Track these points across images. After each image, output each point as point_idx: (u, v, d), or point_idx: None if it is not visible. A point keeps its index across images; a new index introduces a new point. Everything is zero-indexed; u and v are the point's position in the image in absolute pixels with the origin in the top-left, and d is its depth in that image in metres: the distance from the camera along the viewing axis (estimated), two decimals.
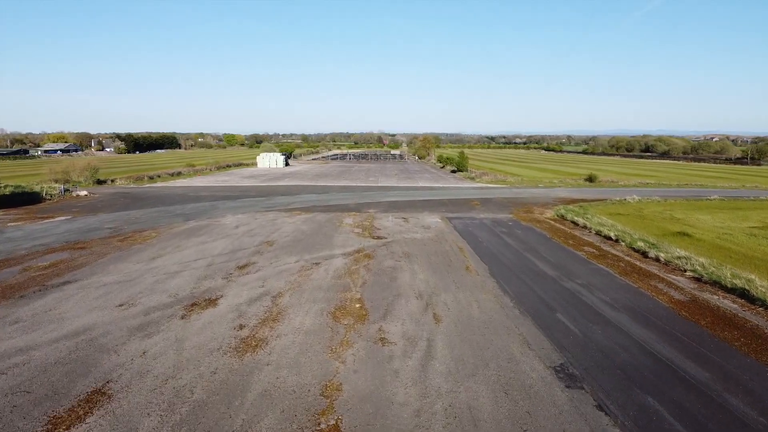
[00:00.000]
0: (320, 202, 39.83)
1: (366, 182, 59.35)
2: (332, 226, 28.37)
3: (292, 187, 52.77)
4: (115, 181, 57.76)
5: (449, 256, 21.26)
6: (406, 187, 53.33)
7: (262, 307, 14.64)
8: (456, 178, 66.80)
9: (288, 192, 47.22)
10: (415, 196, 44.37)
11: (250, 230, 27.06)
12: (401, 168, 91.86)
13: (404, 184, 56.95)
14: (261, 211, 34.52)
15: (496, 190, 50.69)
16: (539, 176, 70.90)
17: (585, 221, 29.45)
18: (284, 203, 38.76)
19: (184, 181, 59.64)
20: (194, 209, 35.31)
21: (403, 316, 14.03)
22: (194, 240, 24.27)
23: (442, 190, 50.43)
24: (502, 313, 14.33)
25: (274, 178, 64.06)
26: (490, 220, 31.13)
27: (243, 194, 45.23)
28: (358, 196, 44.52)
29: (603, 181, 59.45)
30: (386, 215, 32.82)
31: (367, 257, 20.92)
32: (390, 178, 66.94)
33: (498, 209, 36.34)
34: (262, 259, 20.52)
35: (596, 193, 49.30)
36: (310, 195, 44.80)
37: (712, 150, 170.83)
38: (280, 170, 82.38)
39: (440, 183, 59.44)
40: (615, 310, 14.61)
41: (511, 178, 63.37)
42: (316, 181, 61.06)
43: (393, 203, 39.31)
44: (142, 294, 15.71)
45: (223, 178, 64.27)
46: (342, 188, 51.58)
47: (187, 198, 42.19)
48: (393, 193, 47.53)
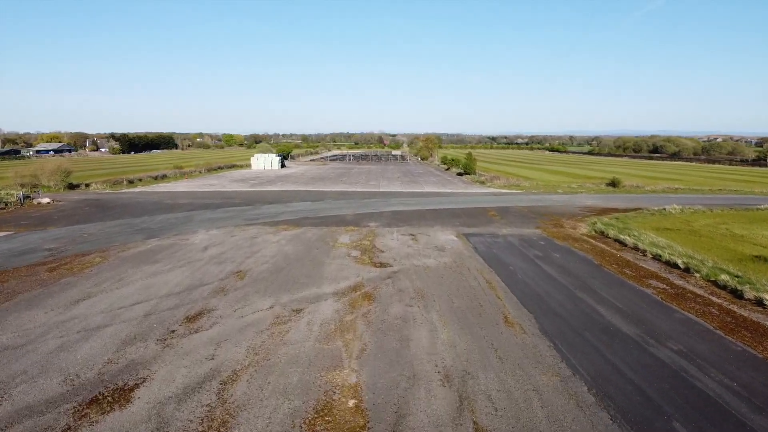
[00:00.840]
0: (313, 212, 34.44)
1: (366, 187, 53.97)
2: (324, 247, 22.99)
3: (284, 193, 47.37)
4: (90, 185, 52.38)
5: (477, 297, 15.86)
6: (411, 193, 47.92)
7: (199, 408, 9.23)
8: (464, 182, 61.39)
9: (278, 199, 41.83)
10: (422, 205, 38.98)
11: (221, 253, 21.67)
12: (403, 170, 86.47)
13: (408, 189, 51.56)
14: (242, 225, 29.13)
15: (512, 197, 45.30)
16: (554, 180, 65.48)
17: (634, 240, 24.03)
18: (271, 214, 33.36)
19: (167, 186, 54.28)
20: (164, 222, 29.93)
21: (427, 428, 8.63)
22: (145, 269, 18.88)
23: (451, 197, 45.03)
24: (585, 422, 8.91)
25: (266, 182, 58.69)
26: (517, 238, 25.73)
27: (226, 202, 39.84)
28: (356, 204, 39.13)
29: (627, 186, 54.02)
30: (390, 231, 27.44)
31: (367, 299, 15.52)
32: (392, 181, 61.56)
33: (521, 222, 30.94)
34: (223, 302, 15.12)
35: (625, 200, 43.88)
36: (302, 203, 39.41)
37: (724, 151, 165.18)
38: (274, 173, 77.01)
39: (448, 188, 54.03)
40: (759, 413, 9.20)
41: (524, 182, 57.94)
42: (312, 185, 55.68)
43: (397, 214, 33.92)
44: (22, 377, 10.30)
45: (210, 182, 58.92)
46: (339, 194, 46.20)
47: (161, 207, 36.81)
48: (397, 200, 42.13)
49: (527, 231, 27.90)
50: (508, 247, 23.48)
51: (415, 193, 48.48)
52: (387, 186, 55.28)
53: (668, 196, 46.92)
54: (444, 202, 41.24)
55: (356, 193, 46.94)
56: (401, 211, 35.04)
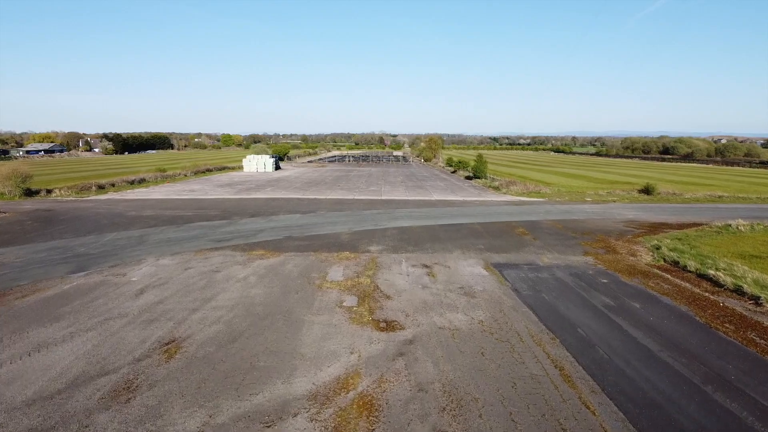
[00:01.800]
0: (301, 229, 28.06)
1: (366, 193, 47.58)
2: (307, 289, 16.60)
3: (272, 201, 40.97)
4: (52, 191, 46.03)
5: (552, 408, 9.44)
6: (418, 202, 41.52)
7: None
8: (476, 188, 54.95)
9: (262, 210, 35.42)
10: (434, 218, 32.57)
11: (158, 302, 15.29)
12: (407, 173, 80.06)
13: (415, 197, 45.16)
14: (206, 249, 22.74)
15: (536, 207, 38.89)
16: (575, 185, 59.03)
17: (732, 279, 17.60)
18: (248, 232, 26.98)
19: (142, 192, 47.93)
20: (109, 245, 23.56)
21: None
22: (31, 337, 12.50)
23: (465, 207, 38.61)
24: None
25: (255, 188, 52.30)
26: (567, 272, 19.32)
27: (200, 214, 33.44)
28: (354, 218, 32.74)
29: (663, 194, 47.52)
30: (397, 259, 21.04)
31: (364, 413, 9.12)
32: (395, 187, 55.15)
33: (561, 244, 24.54)
34: (115, 424, 8.71)
35: (670, 212, 37.41)
36: (290, 216, 33.02)
37: (739, 152, 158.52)
38: (267, 176, 70.64)
39: (459, 195, 47.61)
40: None
41: (544, 188, 51.47)
42: (305, 191, 49.28)
43: (404, 232, 27.54)
44: None
45: (192, 187, 52.56)
46: (335, 204, 39.80)
47: (119, 221, 30.45)
48: (402, 211, 35.73)
49: (575, 259, 21.48)
50: (560, 289, 17.08)
51: (422, 202, 42.06)
52: (390, 192, 48.89)
53: (717, 206, 40.48)
54: (458, 213, 34.81)
55: (355, 203, 40.54)
56: (409, 228, 28.64)
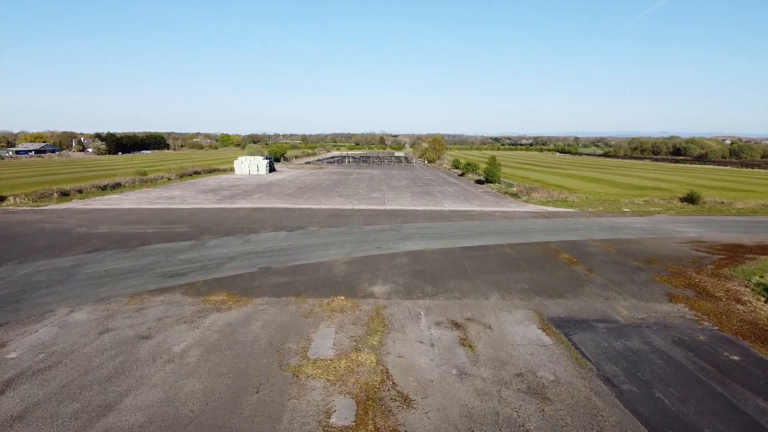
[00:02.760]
0: (283, 256, 21.81)
1: (367, 201, 41.32)
2: (273, 387, 10.31)
3: (255, 213, 34.71)
4: (5, 199, 39.84)
5: None
6: (429, 213, 35.23)
7: None
8: (491, 195, 48.66)
9: (240, 226, 29.18)
10: (452, 237, 26.31)
11: (15, 419, 9.02)
12: (411, 176, 73.80)
13: (424, 206, 38.90)
14: (147, 292, 16.47)
15: (570, 220, 32.64)
16: (601, 191, 52.77)
17: None
18: (213, 261, 20.72)
19: (111, 200, 41.73)
20: (19, 282, 17.31)
21: None
22: None
23: (487, 221, 32.33)
24: None
25: (241, 194, 46.08)
26: (666, 336, 13.03)
27: (163, 232, 27.20)
28: (353, 237, 26.49)
29: (710, 202, 41.17)
30: (413, 311, 14.76)
31: None
32: (400, 193, 48.88)
33: (628, 279, 18.27)
34: None
35: (734, 227, 31.08)
36: (273, 235, 26.78)
37: (756, 154, 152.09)
38: (258, 179, 64.40)
39: (475, 204, 41.32)
40: None
41: (570, 195, 45.15)
42: (297, 199, 43.03)
43: (418, 259, 21.27)
44: None
45: (171, 194, 46.36)
46: (330, 216, 33.54)
47: (60, 241, 24.22)
48: (412, 227, 29.47)
49: (664, 309, 15.19)
50: (677, 378, 10.79)
51: (434, 213, 35.76)
52: (395, 200, 42.63)
53: None
54: (480, 230, 28.53)
55: (354, 215, 34.27)
56: (423, 254, 22.36)
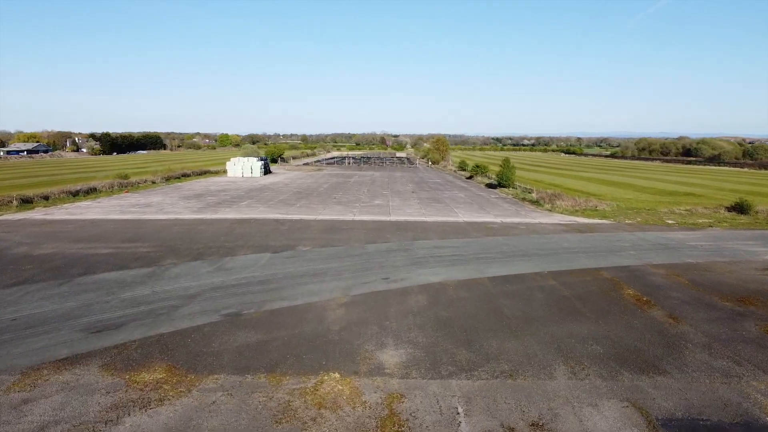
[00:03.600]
0: (261, 292, 16.65)
1: (370, 210, 36.20)
2: None
3: (238, 226, 29.58)
4: None
5: None
6: (442, 226, 30.06)
7: None
8: (509, 202, 43.52)
9: (215, 246, 24.03)
10: (476, 260, 21.16)
11: None
12: (416, 179, 68.70)
13: (435, 216, 33.77)
14: (50, 365, 11.30)
15: (611, 236, 27.50)
16: (628, 197, 47.63)
17: None
18: (167, 302, 15.55)
19: (78, 208, 36.64)
20: None
21: None
22: None
23: (512, 237, 27.17)
24: None
25: (228, 201, 40.97)
26: None
27: (119, 253, 22.07)
28: (353, 262, 21.34)
29: (761, 211, 35.96)
30: (446, 407, 9.53)
31: None
32: (406, 199, 43.75)
33: (737, 336, 13.16)
34: None
35: None
36: (253, 258, 21.63)
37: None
38: (251, 182, 59.26)
39: (493, 213, 36.15)
40: None
41: (601, 204, 39.92)
42: (289, 207, 37.91)
43: (439, 299, 16.12)
44: None
45: (149, 200, 41.27)
46: (326, 230, 28.41)
47: None
48: (425, 246, 24.31)
49: None
50: None
51: (448, 226, 30.60)
52: (401, 208, 37.50)
53: None
54: (509, 250, 23.34)
55: (354, 228, 29.13)
56: (445, 289, 17.19)
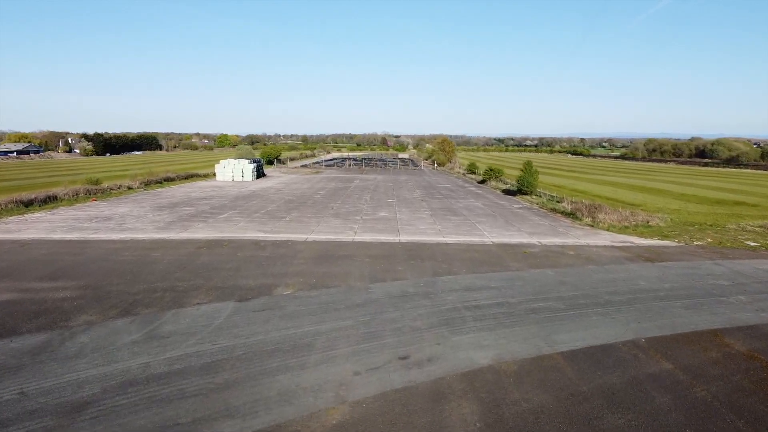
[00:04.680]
0: (193, 400, 10.01)
1: (373, 226, 29.63)
2: None
3: (205, 252, 23.00)
4: None
5: None
6: (468, 251, 23.44)
7: None
8: (538, 213, 36.92)
9: (159, 290, 17.43)
10: (536, 322, 14.54)
11: None
12: (423, 183, 62.12)
13: (455, 236, 27.18)
14: None
15: (698, 271, 20.89)
16: (670, 206, 41.11)
17: None
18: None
19: (23, 221, 30.10)
20: None
21: None
22: None
23: (568, 271, 20.54)
24: None
25: (205, 213, 34.43)
26: None
27: (14, 304, 15.52)
28: (352, 327, 14.70)
29: None
30: None
31: None
32: (417, 210, 37.17)
33: None
34: None
35: None
36: (206, 313, 15.02)
37: None
38: (240, 188, 52.68)
39: (526, 230, 29.54)
40: None
41: (652, 218, 33.30)
42: (277, 222, 31.35)
43: (501, 417, 9.56)
44: None
45: (114, 211, 34.77)
46: (318, 259, 21.80)
47: None
48: (453, 291, 17.70)
49: None
50: None
51: (476, 250, 23.94)
52: (411, 223, 30.92)
53: None
54: (571, 294, 16.74)
55: (355, 256, 22.50)
56: (502, 387, 10.53)
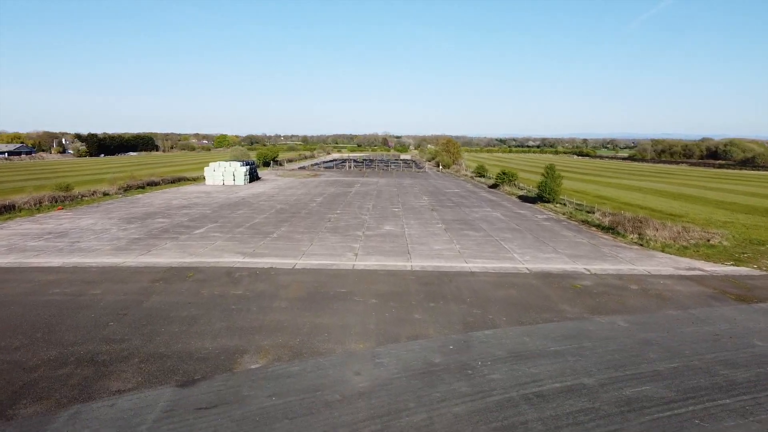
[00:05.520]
0: None
1: (378, 248, 24.30)
2: None
3: (158, 289, 17.65)
4: None
5: None
6: (504, 286, 18.10)
7: None
8: (570, 228, 31.56)
9: (68, 365, 11.95)
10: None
11: None
12: (429, 188, 56.82)
13: (481, 261, 21.83)
14: None
15: None
16: (716, 218, 35.82)
17: None
18: None
19: None
20: None
21: None
22: None
23: (646, 319, 15.23)
24: None
25: (179, 227, 29.19)
26: None
27: None
28: None
29: None
30: None
31: None
32: (428, 223, 31.87)
33: None
34: None
35: None
36: (129, 407, 9.65)
37: None
38: (227, 194, 47.43)
39: (565, 252, 24.18)
40: None
41: (712, 235, 27.91)
42: (262, 240, 26.06)
43: None
44: None
45: (74, 225, 29.59)
46: (305, 302, 16.38)
47: None
48: (499, 363, 12.24)
49: None
50: None
51: (510, 282, 18.57)
52: (423, 241, 25.58)
53: None
54: (671, 370, 11.24)
55: (354, 293, 17.10)
56: None
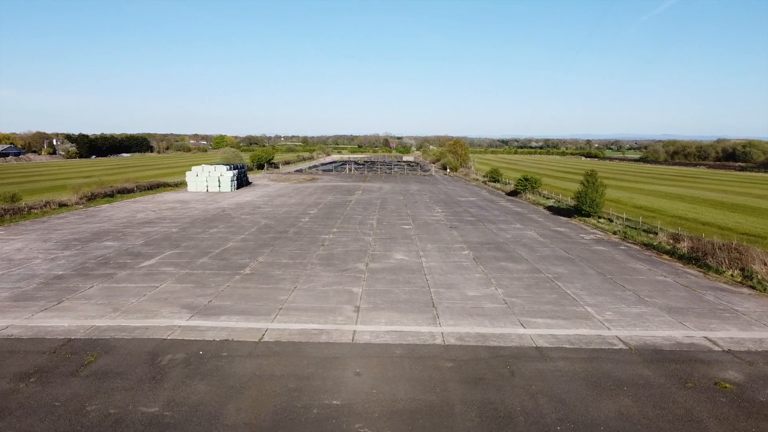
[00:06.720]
0: None
1: (387, 296, 17.02)
2: None
3: (23, 387, 10.43)
4: None
5: None
6: (600, 383, 10.71)
7: None
8: (637, 256, 24.23)
9: None
10: None
11: None
12: (440, 195, 49.45)
13: (549, 332, 14.53)
14: None
15: None
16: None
17: None
18: None
19: None
20: None
21: None
22: None
23: None
24: None
25: (125, 255, 21.91)
26: None
27: None
28: None
29: None
30: None
31: None
32: (450, 250, 24.56)
33: None
34: None
35: None
36: None
37: None
38: (207, 204, 40.16)
39: (658, 306, 16.84)
40: None
41: None
42: (230, 279, 18.72)
43: None
44: None
45: (11, 246, 22.36)
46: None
47: None
48: None
49: None
50: None
51: (607, 374, 11.18)
52: (449, 282, 18.25)
53: None
54: None
55: (354, 403, 9.74)
56: None
